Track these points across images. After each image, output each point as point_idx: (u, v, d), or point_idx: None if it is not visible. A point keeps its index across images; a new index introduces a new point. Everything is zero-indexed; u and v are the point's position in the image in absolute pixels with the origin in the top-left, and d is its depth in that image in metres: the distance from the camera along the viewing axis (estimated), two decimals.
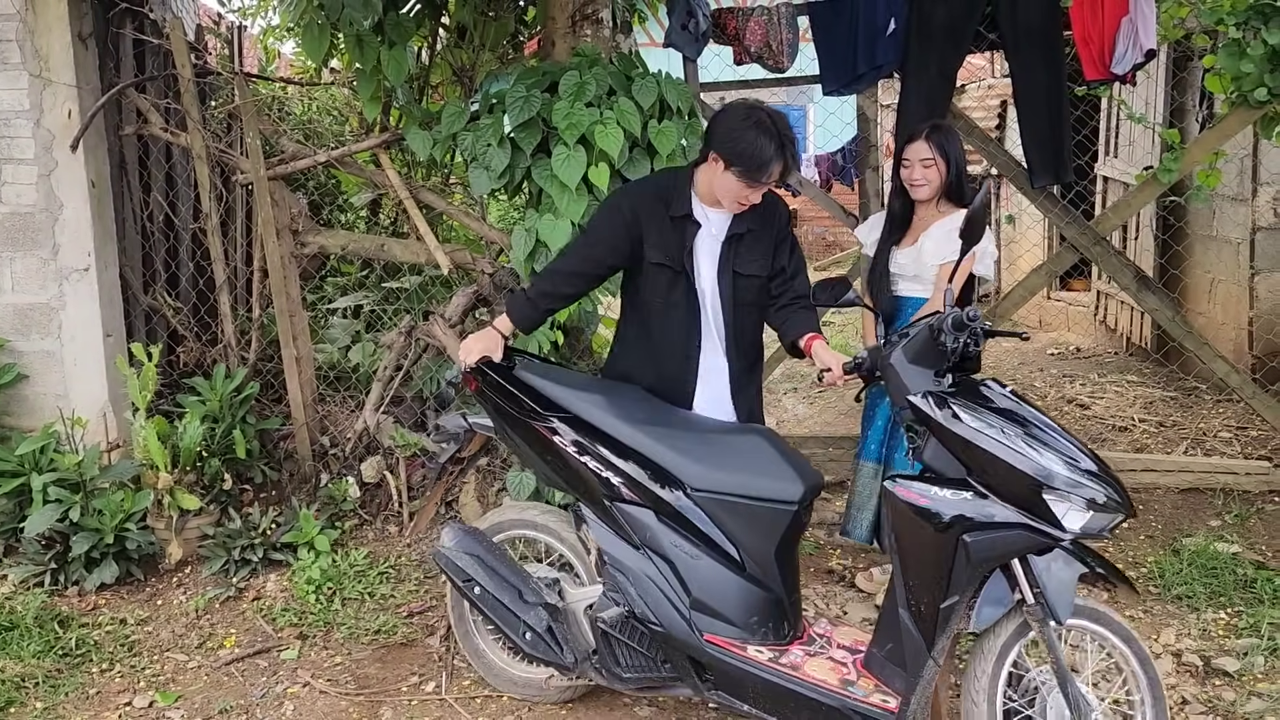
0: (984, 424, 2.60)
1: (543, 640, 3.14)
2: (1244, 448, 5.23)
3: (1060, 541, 2.56)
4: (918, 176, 3.67)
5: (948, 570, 2.60)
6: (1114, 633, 2.69)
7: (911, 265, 3.72)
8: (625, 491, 3.02)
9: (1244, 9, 4.22)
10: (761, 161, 2.96)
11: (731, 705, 2.94)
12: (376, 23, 4.27)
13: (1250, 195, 5.87)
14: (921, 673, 2.68)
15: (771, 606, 2.96)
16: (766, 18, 4.59)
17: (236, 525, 4.35)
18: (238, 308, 4.99)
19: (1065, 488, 2.51)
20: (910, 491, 2.68)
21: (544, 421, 3.10)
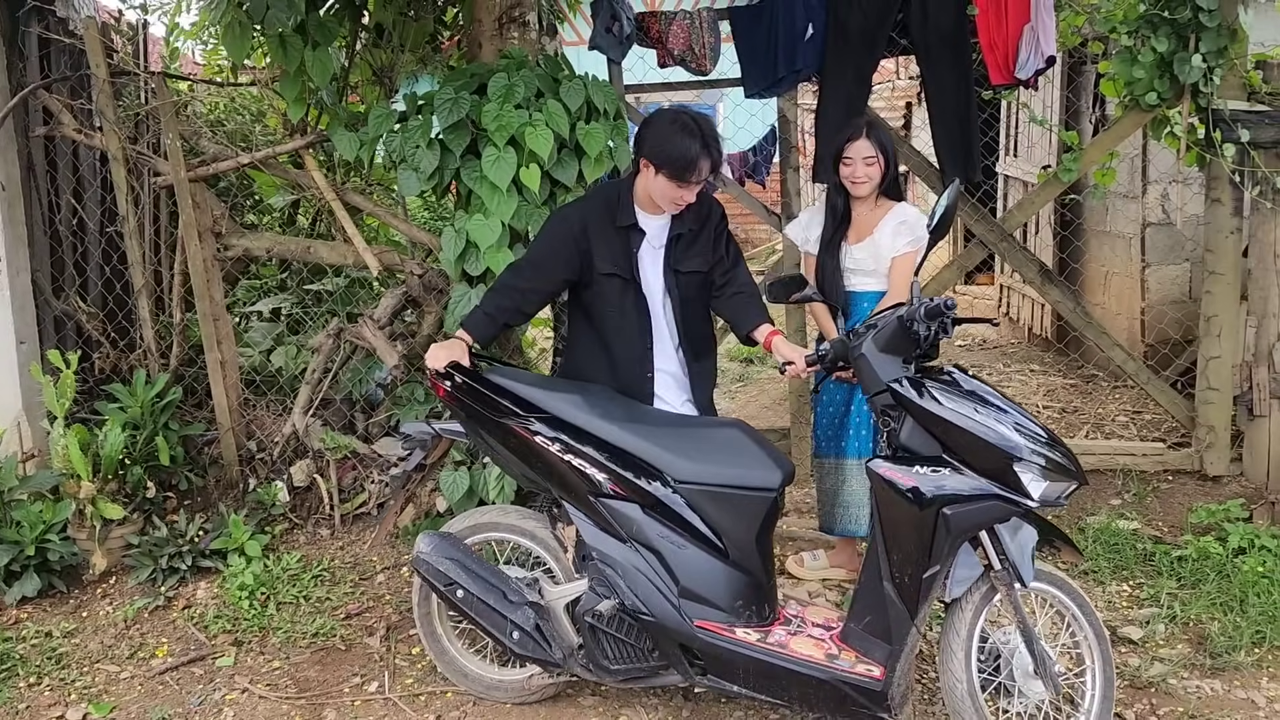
0: (958, 404, 2.82)
1: (531, 639, 3.17)
2: (1140, 430, 5.55)
3: (1028, 509, 2.78)
4: (860, 174, 3.76)
5: (929, 542, 2.79)
6: (1068, 595, 2.95)
7: (870, 260, 3.82)
8: (610, 487, 3.08)
9: (1135, 18, 4.49)
10: (688, 161, 3.10)
11: (722, 688, 3.05)
12: (299, 23, 4.24)
13: (1141, 193, 6.21)
14: (906, 640, 2.87)
15: (754, 590, 3.09)
16: (689, 22, 4.71)
17: (162, 533, 4.28)
18: (158, 312, 4.89)
19: (1030, 458, 2.74)
20: (895, 472, 2.86)
21: (523, 422, 3.14)
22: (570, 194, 4.22)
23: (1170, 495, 4.74)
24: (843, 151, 3.79)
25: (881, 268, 3.84)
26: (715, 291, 3.44)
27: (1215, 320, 4.68)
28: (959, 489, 2.78)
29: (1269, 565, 3.93)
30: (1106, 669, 2.94)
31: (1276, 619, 3.66)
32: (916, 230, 3.76)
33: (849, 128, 3.85)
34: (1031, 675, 2.87)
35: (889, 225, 3.80)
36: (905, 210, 3.83)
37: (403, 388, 4.72)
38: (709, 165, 3.14)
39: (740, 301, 3.39)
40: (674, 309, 3.40)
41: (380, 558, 4.41)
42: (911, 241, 3.76)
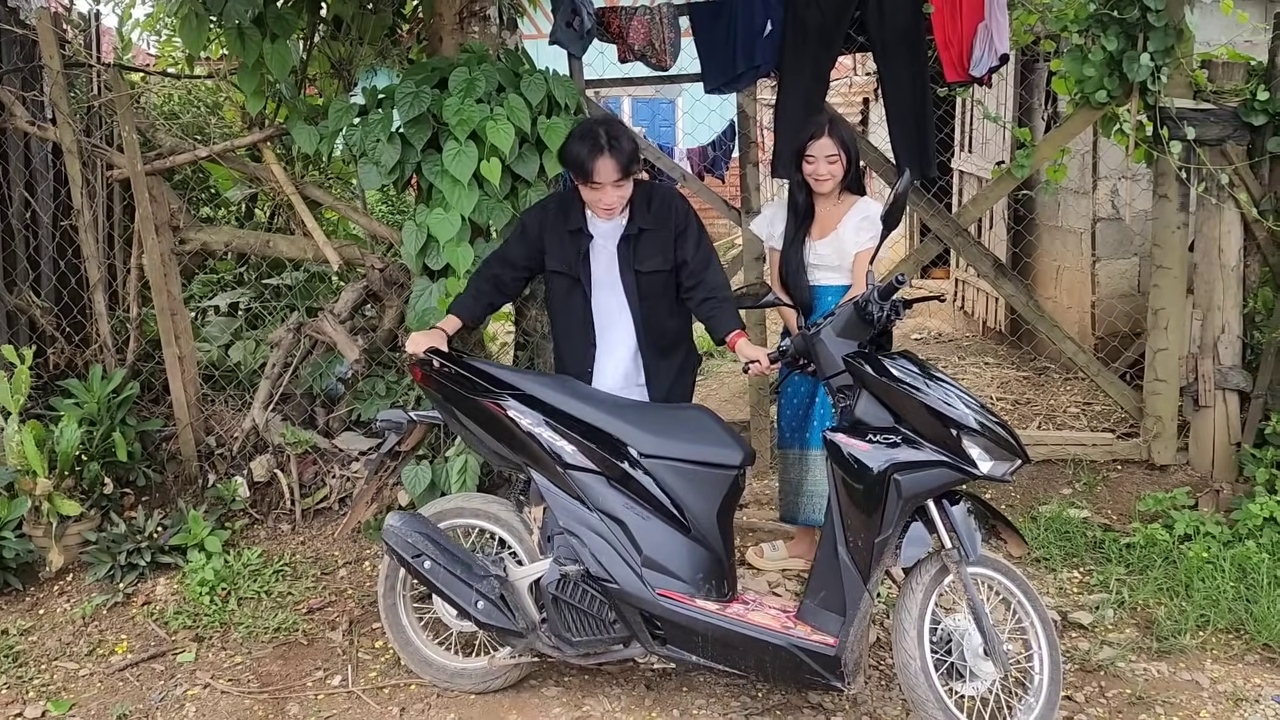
0: (909, 376, 3.00)
1: (496, 608, 3.23)
2: (1090, 421, 5.68)
3: (975, 477, 2.92)
4: (823, 172, 3.80)
5: (881, 508, 2.93)
6: (1012, 581, 3.06)
7: (834, 255, 3.87)
8: (578, 459, 3.21)
9: (1086, 17, 4.58)
10: (580, 163, 3.34)
11: (681, 658, 3.14)
12: (257, 15, 4.21)
13: (1091, 188, 6.34)
14: (859, 605, 2.99)
15: (714, 565, 3.20)
16: (649, 17, 4.73)
17: (120, 530, 4.24)
18: (114, 307, 4.83)
19: (975, 428, 2.90)
20: (850, 440, 3.02)
21: (496, 398, 3.27)
22: (532, 188, 4.23)
23: (1119, 484, 4.86)
24: (805, 149, 3.83)
25: (845, 263, 3.89)
26: (685, 293, 3.55)
27: (1162, 313, 4.80)
28: (909, 456, 2.93)
29: (1213, 551, 4.05)
30: (1053, 653, 3.02)
31: (1220, 603, 3.78)
32: (878, 224, 3.79)
33: (810, 125, 3.88)
34: (982, 656, 2.96)
35: (852, 221, 3.85)
36: (868, 205, 3.88)
37: (363, 382, 4.71)
38: (611, 165, 3.31)
39: (710, 308, 3.49)
40: (635, 308, 3.54)
41: (342, 552, 4.41)
42: (874, 236, 3.78)
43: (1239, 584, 3.87)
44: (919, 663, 2.94)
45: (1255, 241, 4.66)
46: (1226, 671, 3.48)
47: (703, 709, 3.30)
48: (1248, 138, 4.54)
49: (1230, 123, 4.51)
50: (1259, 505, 4.21)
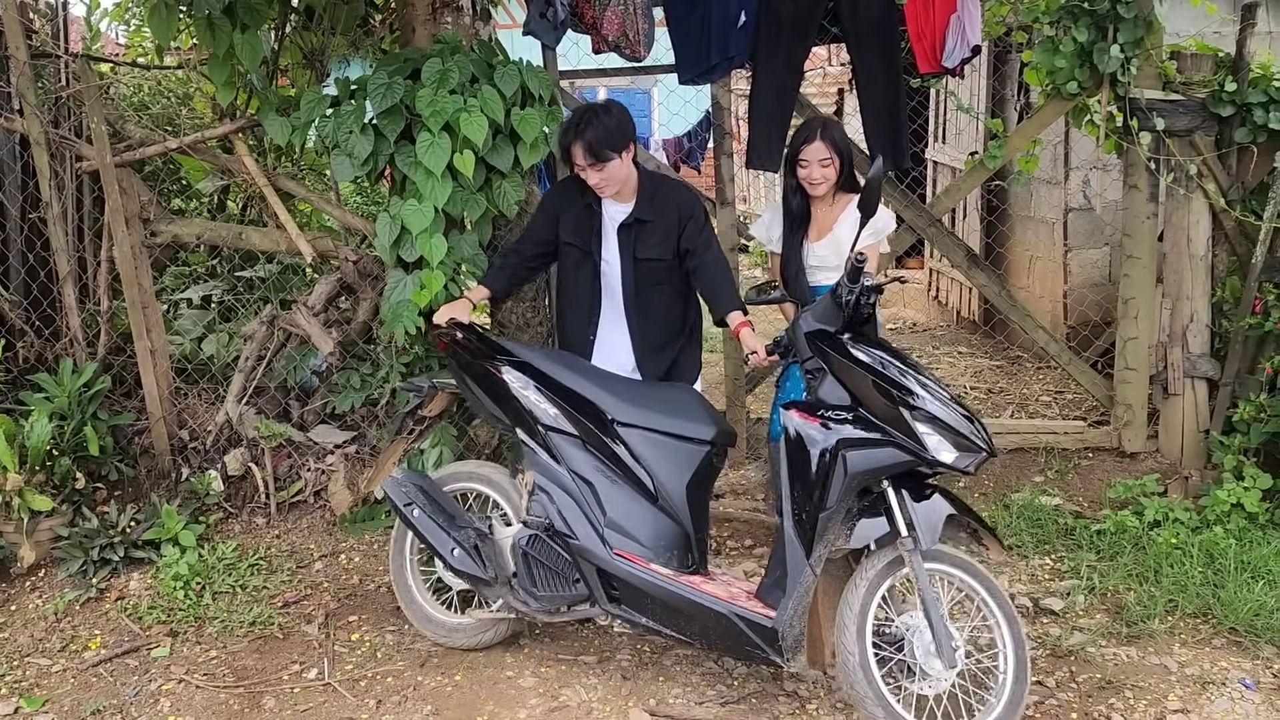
0: (869, 358, 3.01)
1: (469, 556, 3.44)
2: (1062, 410, 5.74)
3: (926, 461, 2.89)
4: (817, 176, 3.79)
5: (828, 483, 2.95)
6: (974, 577, 3.02)
7: (832, 256, 3.84)
8: (558, 421, 3.41)
9: (1057, 8, 4.62)
10: (562, 147, 3.59)
11: (632, 619, 3.25)
12: (227, 5, 4.17)
13: (1063, 179, 6.39)
14: (800, 579, 3.00)
15: (678, 537, 3.31)
16: (623, 8, 4.71)
17: (93, 524, 4.21)
18: (84, 300, 4.78)
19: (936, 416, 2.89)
20: (804, 414, 3.07)
21: (495, 363, 3.52)
22: (506, 180, 4.22)
23: (1090, 471, 4.91)
24: (798, 154, 3.82)
25: (844, 262, 3.88)
26: (690, 277, 3.69)
27: (1132, 303, 4.85)
28: (859, 434, 2.95)
29: (1182, 537, 4.11)
30: (1019, 650, 2.97)
31: (1188, 588, 3.84)
32: (877, 222, 3.81)
33: (803, 130, 3.88)
34: (932, 654, 2.92)
35: (849, 220, 3.81)
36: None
37: (338, 375, 4.70)
38: (579, 149, 3.52)
39: (710, 285, 3.63)
40: (627, 289, 3.69)
41: (318, 546, 4.40)
42: (873, 233, 3.81)
43: (1207, 569, 3.92)
44: (857, 658, 2.91)
45: (1223, 231, 4.70)
46: (1194, 655, 3.53)
47: (679, 697, 3.32)
48: (1216, 128, 4.59)
49: (1199, 114, 4.55)
50: (1226, 492, 4.27)
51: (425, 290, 4.06)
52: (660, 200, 3.65)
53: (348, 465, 4.59)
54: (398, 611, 3.90)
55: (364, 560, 4.31)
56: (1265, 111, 4.45)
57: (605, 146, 3.51)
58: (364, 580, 4.16)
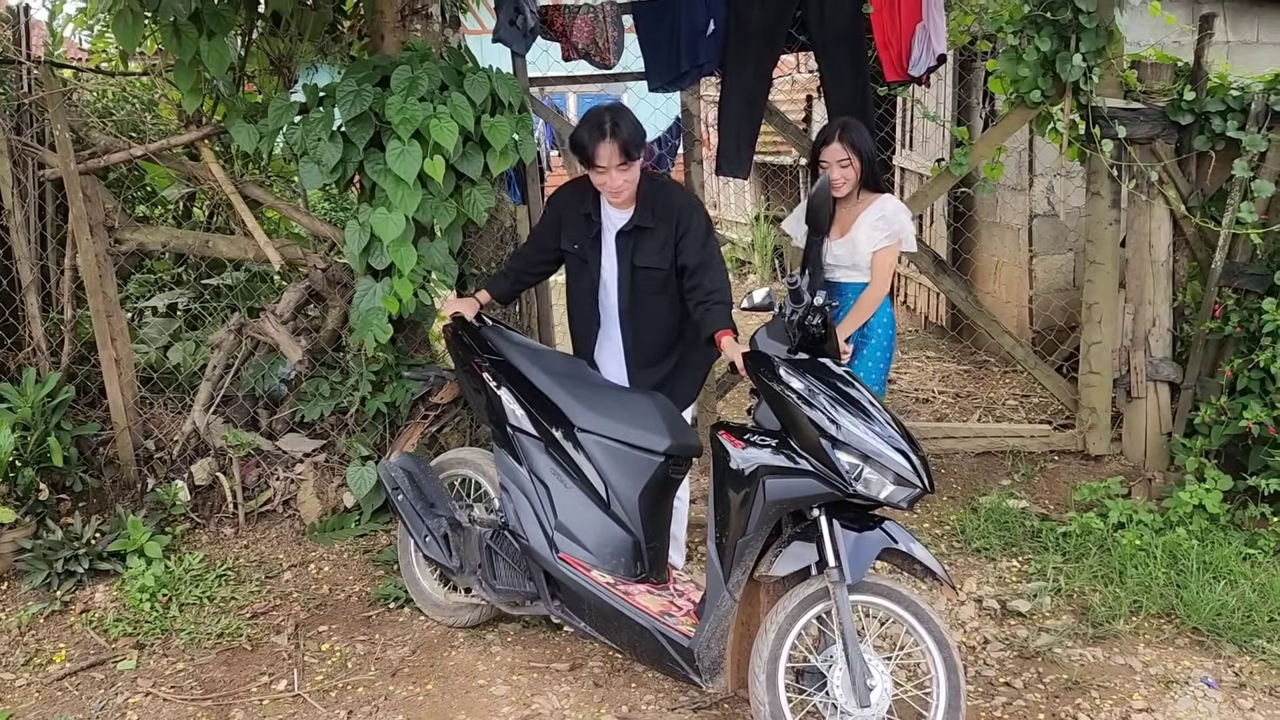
0: (798, 385, 2.88)
1: (437, 543, 3.59)
2: (1028, 413, 5.80)
3: (847, 495, 2.77)
4: (836, 176, 3.84)
5: (749, 509, 2.88)
6: (902, 605, 2.85)
7: (848, 255, 3.92)
8: (525, 423, 3.49)
9: (1020, 18, 4.68)
10: (583, 147, 3.41)
11: (571, 621, 3.34)
12: (194, 11, 4.14)
13: (1028, 185, 6.47)
14: (717, 602, 2.97)
15: (627, 545, 3.34)
16: (593, 15, 4.74)
17: (57, 536, 4.16)
18: (47, 309, 4.72)
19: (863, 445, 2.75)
20: (729, 437, 3.01)
21: (479, 360, 3.63)
22: (476, 187, 4.22)
23: (1056, 474, 4.98)
24: (818, 155, 3.90)
25: (861, 262, 3.94)
26: (685, 294, 3.54)
27: (1096, 308, 4.93)
28: (780, 462, 2.85)
29: (1145, 539, 4.17)
30: (951, 677, 2.82)
31: (1152, 589, 3.89)
32: (894, 224, 3.88)
33: (823, 131, 3.94)
34: (851, 690, 2.79)
35: (867, 220, 3.90)
36: (885, 204, 3.93)
37: (307, 383, 4.67)
38: (611, 149, 3.36)
39: (706, 309, 3.45)
40: (623, 297, 3.63)
41: (287, 555, 4.37)
42: (889, 235, 3.87)
43: (1170, 570, 3.99)
44: (768, 708, 2.80)
45: (1184, 237, 4.79)
46: (1158, 655, 3.58)
47: (650, 704, 3.33)
48: (1176, 136, 4.67)
49: (1159, 122, 4.63)
50: (1189, 493, 4.34)
51: (396, 299, 4.04)
52: (661, 207, 3.54)
53: (317, 474, 4.56)
54: (368, 620, 3.89)
55: (334, 570, 4.28)
56: (1223, 120, 4.54)
57: (636, 146, 3.43)
58: (334, 590, 4.13)
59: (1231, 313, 4.56)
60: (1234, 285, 4.59)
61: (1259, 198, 4.50)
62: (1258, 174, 4.52)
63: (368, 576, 4.19)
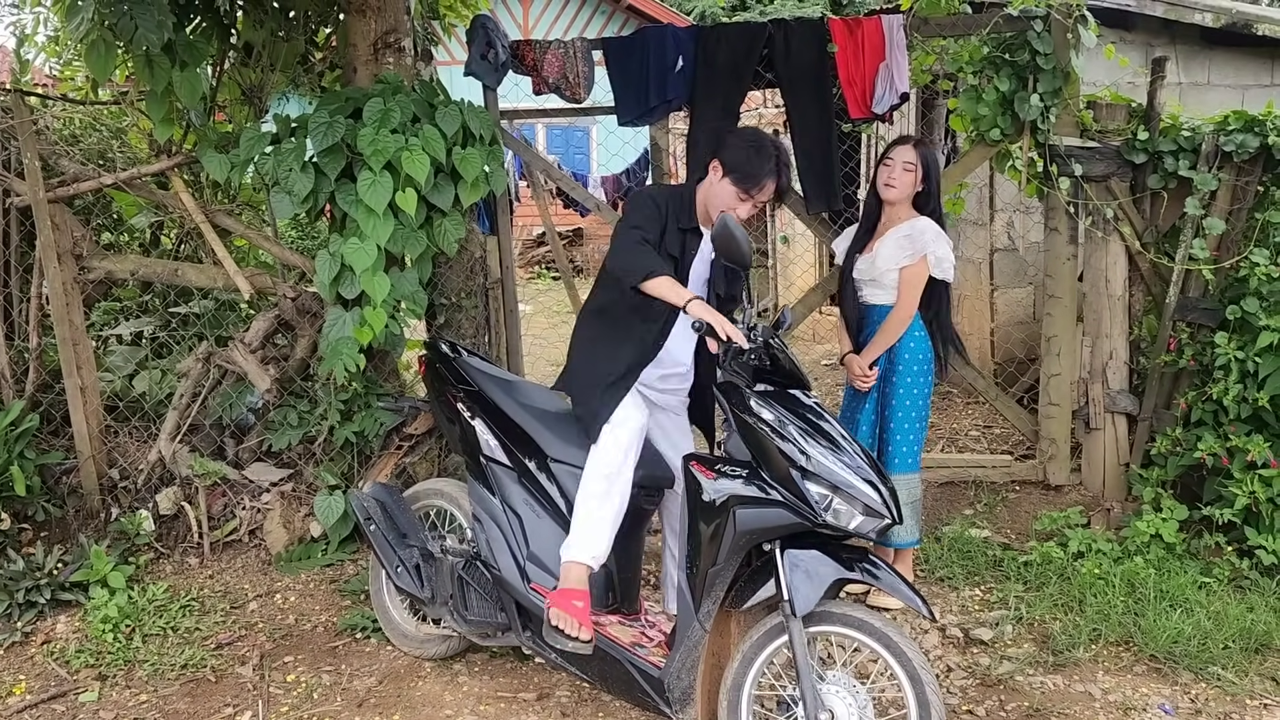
0: (770, 415, 2.88)
1: (409, 574, 3.58)
2: (990, 444, 5.90)
3: (816, 525, 2.76)
4: (895, 176, 3.89)
5: (719, 539, 2.87)
6: (873, 637, 2.79)
7: (868, 270, 3.94)
8: (498, 454, 3.49)
9: (980, 59, 4.82)
10: (754, 173, 3.23)
11: (542, 652, 3.32)
12: (167, 42, 4.16)
13: (989, 220, 6.62)
14: (687, 633, 2.96)
15: (597, 576, 3.29)
16: (563, 51, 4.81)
17: (18, 566, 4.11)
18: (12, 336, 4.69)
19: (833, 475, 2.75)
20: (700, 466, 2.99)
21: (454, 390, 3.62)
22: (447, 218, 4.26)
23: (1017, 504, 5.06)
24: (888, 153, 3.94)
25: (883, 280, 3.95)
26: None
27: (1055, 340, 5.03)
28: (751, 492, 2.84)
29: (1104, 568, 4.24)
30: (923, 712, 2.74)
31: (1111, 617, 3.96)
32: (919, 242, 3.87)
33: (900, 138, 4.02)
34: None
35: (893, 237, 3.92)
36: (916, 223, 3.95)
37: (275, 412, 4.66)
38: (774, 187, 3.29)
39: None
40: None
41: (252, 586, 4.34)
42: (911, 255, 3.87)
43: (1128, 598, 4.06)
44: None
45: (1139, 272, 4.91)
46: (1117, 682, 3.64)
47: None
48: (1130, 174, 4.80)
49: (1114, 160, 4.77)
50: (1145, 523, 4.43)
51: (368, 328, 4.06)
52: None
53: (284, 503, 4.55)
54: (335, 651, 3.87)
55: (300, 599, 4.26)
56: (1175, 159, 4.67)
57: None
58: (300, 620, 4.11)
59: (1186, 346, 4.67)
60: (1188, 320, 4.71)
61: (1210, 235, 4.63)
62: (1209, 212, 4.65)
63: (334, 606, 4.18)
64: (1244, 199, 4.61)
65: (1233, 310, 4.44)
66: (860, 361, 4.02)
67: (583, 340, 3.51)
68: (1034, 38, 4.65)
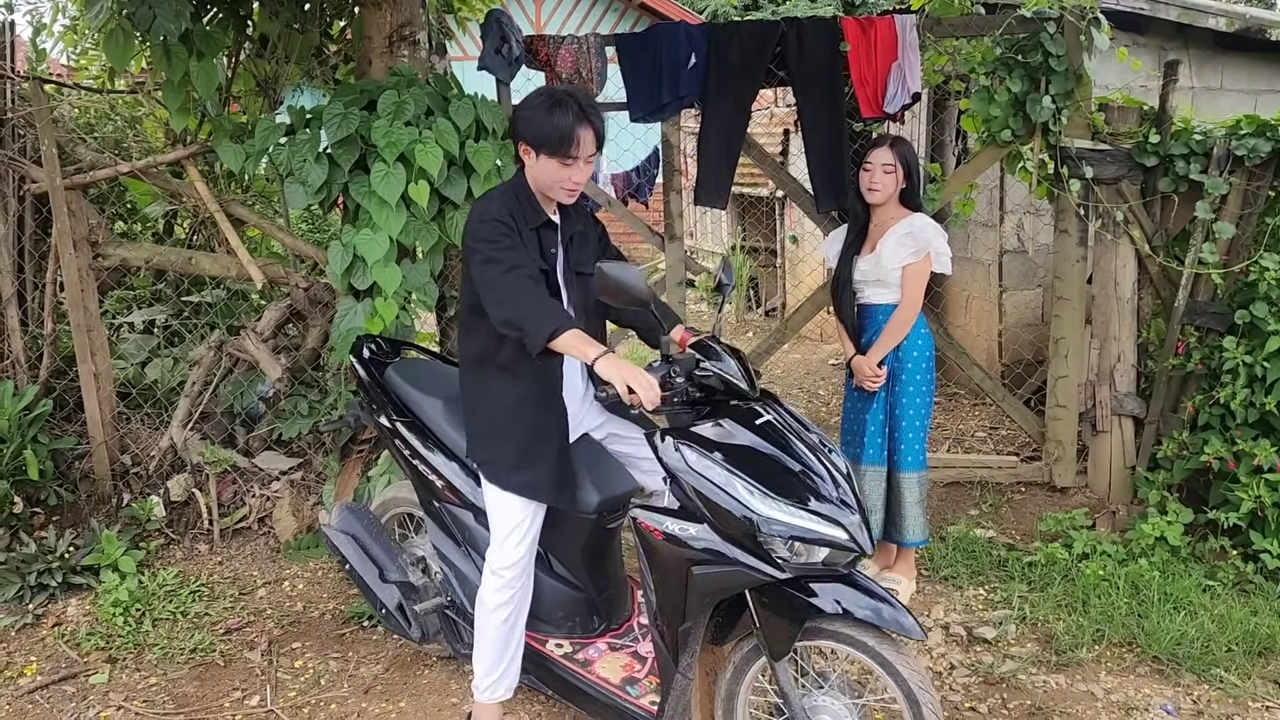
0: (710, 471, 2.57)
1: (394, 616, 3.41)
2: (997, 445, 5.91)
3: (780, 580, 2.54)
4: (876, 180, 3.92)
5: (682, 598, 2.66)
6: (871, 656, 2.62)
7: (873, 271, 3.94)
8: (448, 494, 3.23)
9: (992, 60, 4.83)
10: (564, 134, 2.79)
11: (542, 689, 3.24)
12: (184, 33, 4.20)
13: (998, 222, 6.62)
14: (672, 685, 2.80)
15: (578, 604, 3.21)
16: (577, 46, 4.84)
17: (30, 549, 4.16)
18: (26, 323, 4.73)
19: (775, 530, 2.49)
20: (650, 523, 2.70)
21: (392, 416, 3.36)
22: (459, 210, 4.29)
23: (1023, 505, 5.07)
24: (866, 158, 3.96)
25: (888, 279, 3.95)
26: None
27: (1063, 342, 5.04)
28: (705, 553, 2.58)
29: (1109, 569, 4.26)
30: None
31: (1114, 618, 3.97)
32: (921, 240, 3.89)
33: (875, 140, 4.03)
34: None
35: (894, 236, 3.92)
36: (914, 221, 3.96)
37: (285, 401, 4.70)
38: (591, 135, 2.83)
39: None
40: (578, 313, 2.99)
41: (261, 572, 4.38)
42: (915, 251, 3.88)
43: (1132, 600, 4.07)
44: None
45: (1148, 275, 4.91)
46: (1119, 683, 3.66)
47: None
48: (1141, 177, 4.81)
49: (1125, 163, 4.77)
50: (1151, 525, 4.44)
51: (379, 318, 4.09)
52: (576, 210, 3.07)
53: (293, 492, 4.59)
54: (342, 638, 3.91)
55: (308, 587, 4.29)
56: (1186, 163, 4.68)
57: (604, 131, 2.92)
58: (308, 607, 4.14)
59: (1194, 350, 4.68)
60: (1196, 323, 4.72)
61: (1220, 239, 4.64)
62: (1219, 216, 4.65)
63: (342, 594, 4.21)
64: (1255, 203, 4.62)
65: (1241, 315, 4.45)
66: (869, 362, 4.03)
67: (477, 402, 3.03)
68: (1046, 39, 4.66)
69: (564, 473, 2.99)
